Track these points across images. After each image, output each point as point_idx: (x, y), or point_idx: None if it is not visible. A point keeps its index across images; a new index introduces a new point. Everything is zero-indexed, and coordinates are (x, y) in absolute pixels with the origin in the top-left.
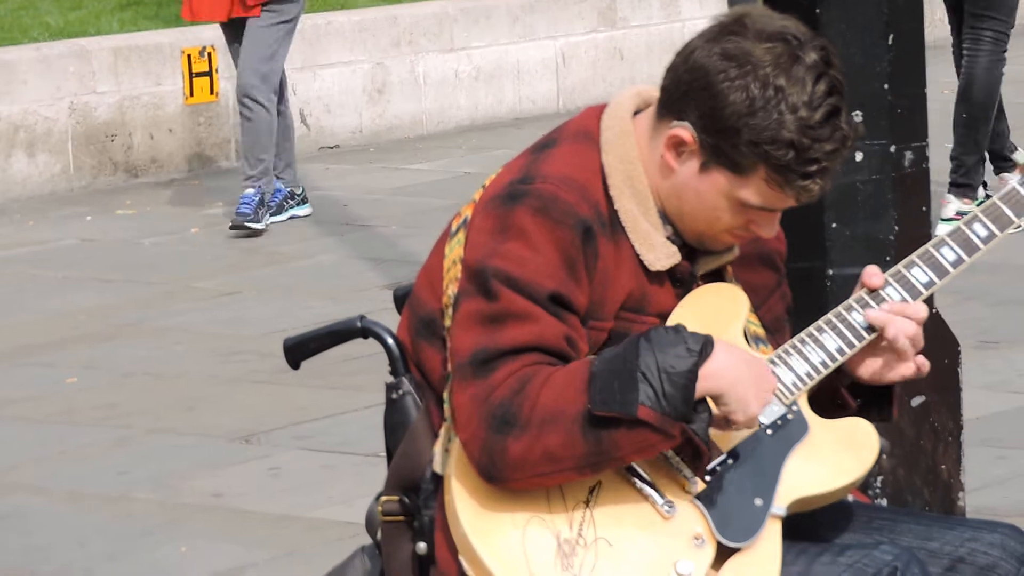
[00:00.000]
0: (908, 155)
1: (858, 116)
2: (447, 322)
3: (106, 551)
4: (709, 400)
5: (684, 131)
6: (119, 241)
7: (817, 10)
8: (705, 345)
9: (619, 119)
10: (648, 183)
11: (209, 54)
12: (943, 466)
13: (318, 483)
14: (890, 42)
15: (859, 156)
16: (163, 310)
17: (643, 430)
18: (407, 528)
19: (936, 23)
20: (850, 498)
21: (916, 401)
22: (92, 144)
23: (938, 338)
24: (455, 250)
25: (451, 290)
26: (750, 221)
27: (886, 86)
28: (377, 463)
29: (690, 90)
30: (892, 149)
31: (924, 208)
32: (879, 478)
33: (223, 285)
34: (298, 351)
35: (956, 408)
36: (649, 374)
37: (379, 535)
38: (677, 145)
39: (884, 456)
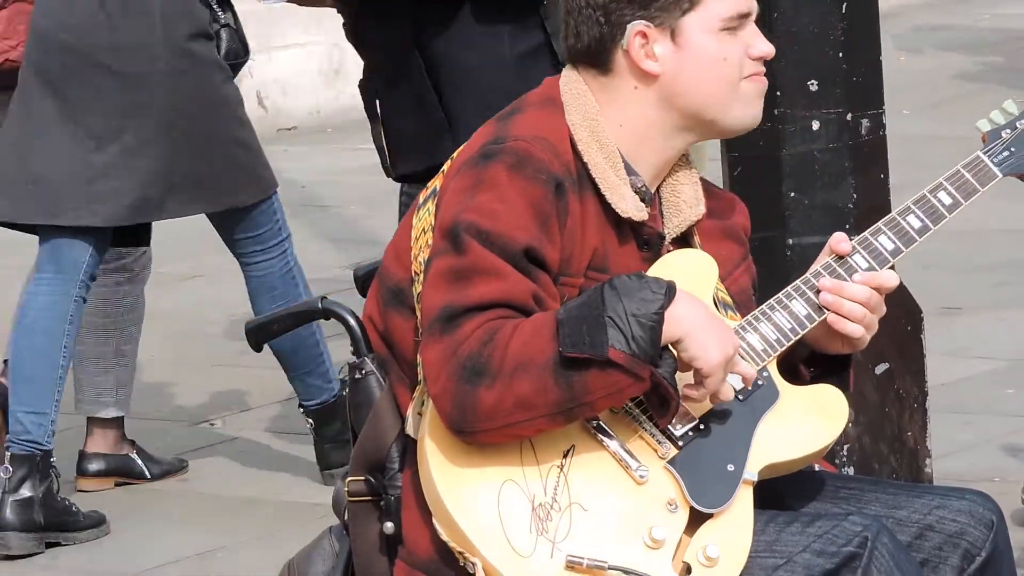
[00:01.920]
0: (865, 123)
1: (813, 85)
2: (416, 288)
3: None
4: (672, 348)
5: (635, 31)
6: None
7: None
8: (669, 289)
9: (574, 81)
10: (611, 136)
11: None
12: (909, 433)
13: (285, 465)
14: (844, 10)
15: (816, 125)
16: None
17: (614, 372)
18: (374, 508)
19: None
20: (816, 467)
21: (880, 368)
22: None
23: (901, 306)
24: (423, 219)
25: (421, 257)
26: (747, 47)
27: (841, 54)
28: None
29: (595, 15)
30: (849, 117)
31: (882, 176)
32: (845, 446)
33: (184, 269)
34: (260, 333)
35: (920, 375)
36: (617, 318)
37: (346, 516)
38: (644, 45)
39: (849, 424)
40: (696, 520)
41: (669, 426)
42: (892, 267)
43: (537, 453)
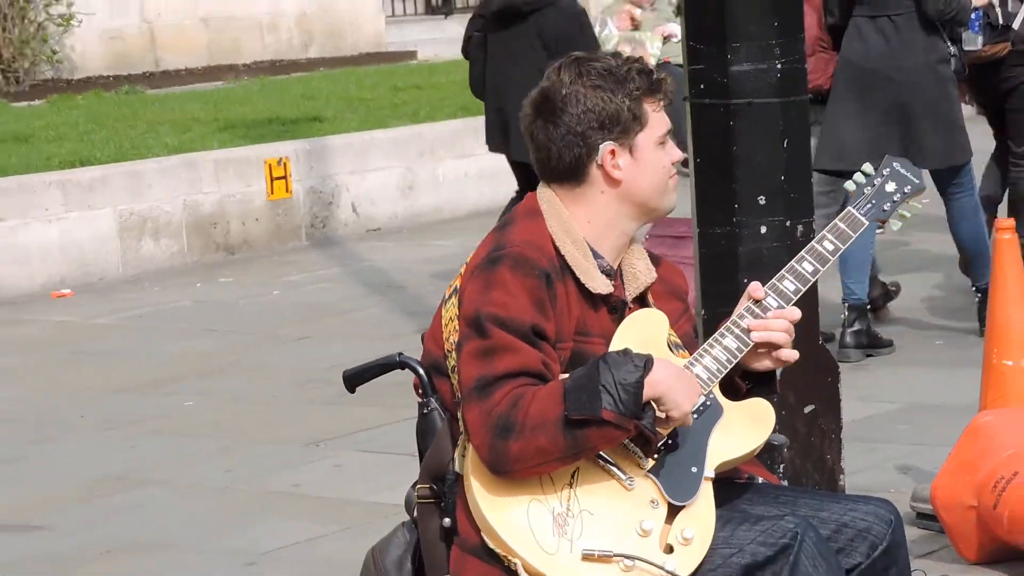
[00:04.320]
0: (799, 227)
1: (762, 200)
2: (451, 362)
3: (216, 528)
4: (653, 403)
5: (607, 150)
6: (221, 302)
7: (731, 122)
8: (647, 362)
9: (548, 196)
10: (580, 233)
11: (284, 163)
12: (828, 456)
13: (371, 476)
14: (785, 146)
15: (764, 229)
16: (255, 352)
17: (607, 427)
18: (436, 508)
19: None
20: (760, 480)
21: (807, 409)
22: (200, 231)
23: (822, 363)
24: (450, 311)
25: (452, 339)
26: (668, 155)
27: (783, 178)
28: (414, 461)
29: (576, 141)
30: (788, 224)
31: None
32: (781, 466)
33: (298, 332)
34: (354, 379)
35: (837, 414)
36: (608, 386)
37: (415, 513)
38: (611, 160)
39: (785, 450)
40: (672, 512)
41: None
42: (795, 304)
43: (553, 477)
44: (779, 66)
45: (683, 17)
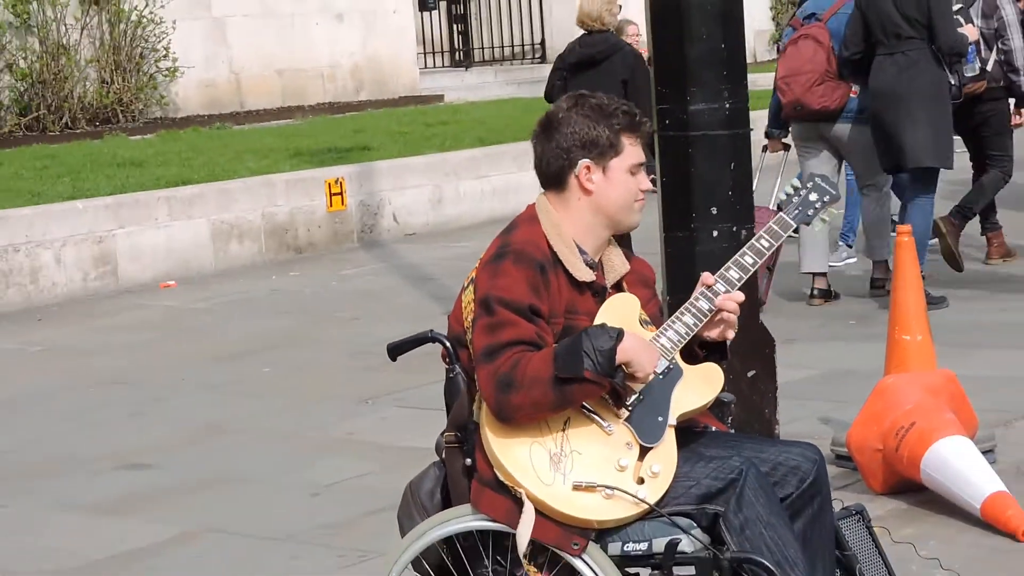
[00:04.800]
0: (743, 232)
1: (714, 210)
2: (469, 336)
3: (287, 466)
4: (623, 367)
5: (583, 165)
6: (291, 291)
7: (690, 150)
8: (620, 334)
9: (543, 203)
10: (568, 233)
11: (341, 182)
12: (766, 411)
13: (408, 426)
14: (731, 168)
15: (715, 233)
16: (317, 329)
17: (587, 384)
18: (459, 450)
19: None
20: (713, 428)
21: (750, 374)
22: (275, 235)
23: (762, 338)
24: (467, 296)
25: (469, 318)
26: (639, 183)
27: (730, 193)
28: (442, 414)
29: (561, 154)
30: (734, 229)
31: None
32: (730, 419)
33: (351, 314)
34: (395, 351)
35: (773, 378)
36: (589, 352)
37: (443, 455)
38: (587, 174)
39: (732, 406)
40: (643, 452)
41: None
42: (740, 289)
43: (549, 424)
44: (727, 106)
45: (652, 67)
